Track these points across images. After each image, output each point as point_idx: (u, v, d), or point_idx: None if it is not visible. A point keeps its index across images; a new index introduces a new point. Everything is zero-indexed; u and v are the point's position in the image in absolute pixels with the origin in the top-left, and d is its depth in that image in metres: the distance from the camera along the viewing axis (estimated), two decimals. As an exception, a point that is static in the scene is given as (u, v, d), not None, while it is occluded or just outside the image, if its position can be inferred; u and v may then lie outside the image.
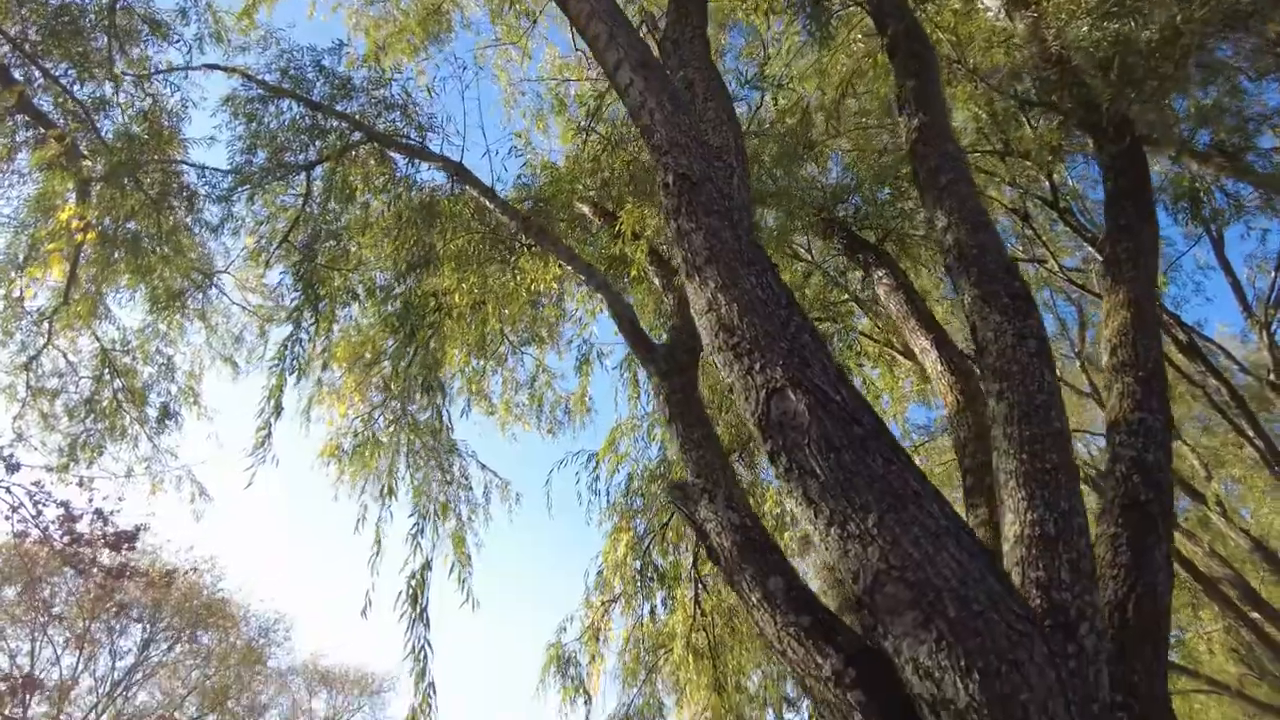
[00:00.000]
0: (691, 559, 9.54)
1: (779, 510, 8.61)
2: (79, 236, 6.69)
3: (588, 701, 9.41)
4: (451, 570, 4.77)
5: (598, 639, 9.34)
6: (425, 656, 4.03)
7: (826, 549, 2.14)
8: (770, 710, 12.45)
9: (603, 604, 9.68)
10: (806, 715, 14.15)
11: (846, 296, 9.36)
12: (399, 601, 4.29)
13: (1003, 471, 2.70)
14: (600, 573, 9.72)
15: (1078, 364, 13.66)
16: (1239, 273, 11.83)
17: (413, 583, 4.45)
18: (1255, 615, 11.48)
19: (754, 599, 3.08)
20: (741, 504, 3.42)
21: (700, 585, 9.70)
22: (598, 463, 8.94)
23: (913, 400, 14.83)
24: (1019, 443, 2.68)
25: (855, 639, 2.93)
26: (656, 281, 5.27)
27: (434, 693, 3.94)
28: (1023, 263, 10.74)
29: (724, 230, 2.70)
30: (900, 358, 11.37)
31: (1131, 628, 2.98)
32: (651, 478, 8.80)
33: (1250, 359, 13.56)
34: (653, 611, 9.48)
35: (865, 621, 2.08)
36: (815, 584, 9.25)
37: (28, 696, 8.88)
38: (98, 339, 9.78)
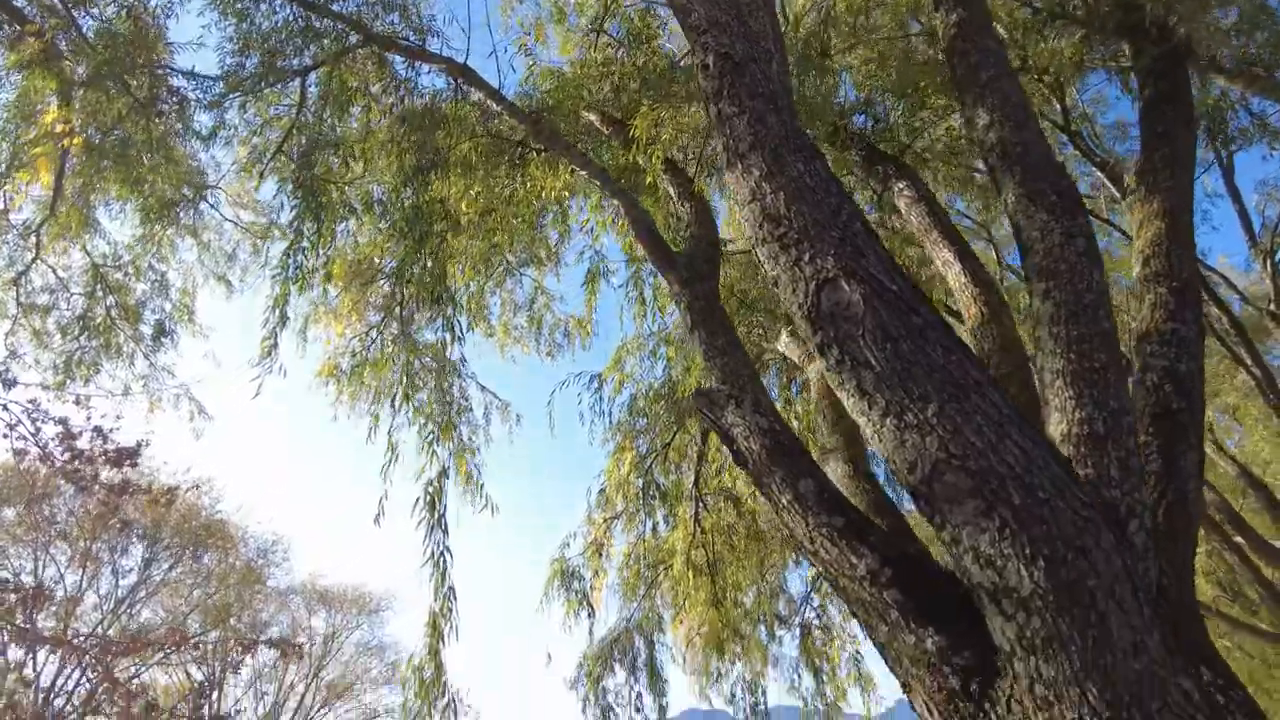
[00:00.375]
0: (693, 478, 9.62)
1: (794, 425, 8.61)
2: (65, 141, 6.39)
3: (591, 614, 9.63)
4: (468, 478, 4.72)
5: (600, 554, 9.50)
6: (445, 562, 4.02)
7: (880, 441, 2.08)
8: (763, 626, 12.82)
9: (605, 521, 9.80)
10: (799, 633, 14.59)
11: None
12: (416, 508, 4.27)
13: (1048, 371, 2.64)
14: (602, 491, 9.81)
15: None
16: (1247, 200, 11.67)
17: (429, 489, 4.42)
18: (1239, 540, 11.75)
19: (784, 501, 3.05)
20: (769, 409, 3.37)
21: (701, 504, 9.82)
22: (601, 382, 8.91)
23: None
24: (1066, 342, 2.61)
25: (888, 539, 2.92)
26: (672, 191, 5.10)
27: (454, 598, 3.96)
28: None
29: (769, 115, 2.56)
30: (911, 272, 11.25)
31: (1162, 533, 2.97)
32: (655, 398, 8.78)
33: (1250, 290, 13.54)
34: (655, 529, 9.61)
35: (922, 512, 2.03)
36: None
37: (36, 607, 9.01)
38: (88, 254, 9.53)
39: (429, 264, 5.61)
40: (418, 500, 4.30)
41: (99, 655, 8.71)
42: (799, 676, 13.47)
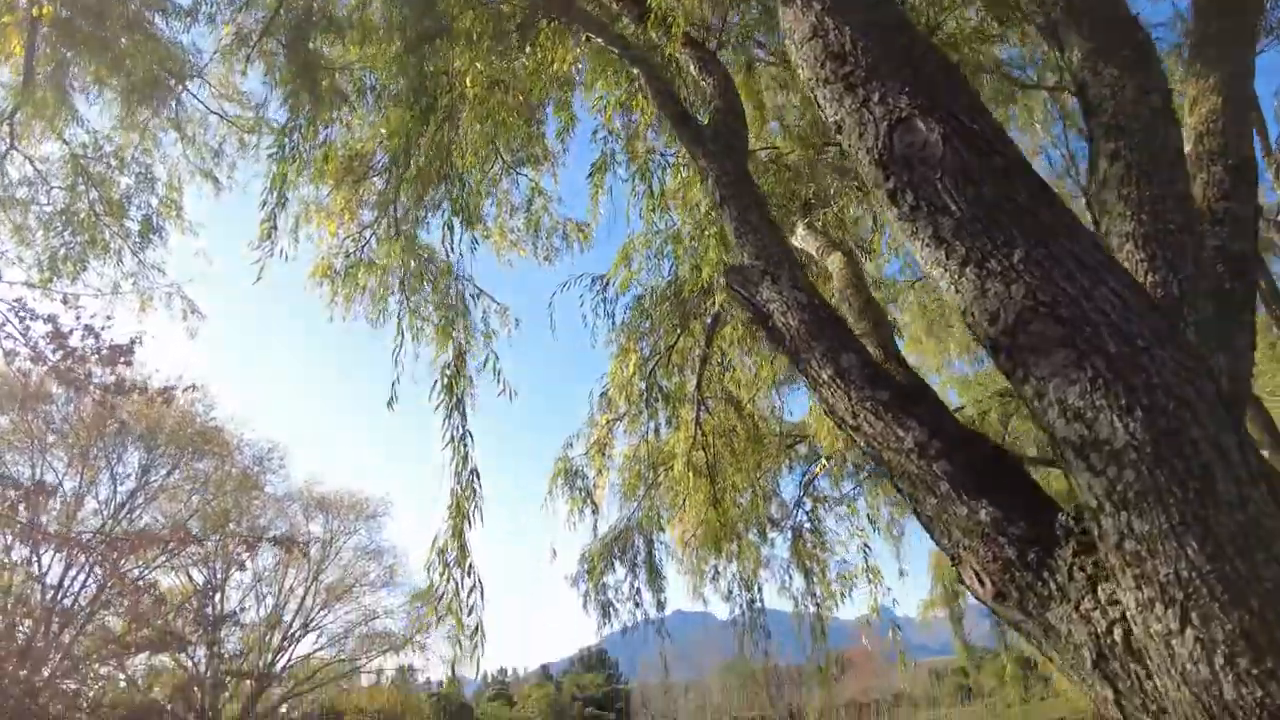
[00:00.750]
0: (695, 381, 9.58)
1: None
2: (34, 10, 5.94)
3: (595, 511, 9.75)
4: (486, 362, 4.59)
5: (603, 454, 9.53)
6: (467, 445, 3.92)
7: (958, 292, 1.93)
8: (755, 529, 13.06)
9: (607, 423, 9.80)
10: (790, 536, 14.91)
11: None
12: (434, 392, 4.15)
13: (1116, 235, 2.49)
14: (604, 394, 9.76)
15: (1083, 202, 13.33)
16: (1265, 107, 11.28)
17: (447, 372, 4.28)
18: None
19: (824, 376, 2.94)
20: (806, 285, 3.22)
21: (702, 407, 9.81)
22: (606, 282, 8.71)
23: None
24: (1137, 203, 2.44)
25: (935, 412, 2.82)
26: (693, 66, 4.79)
27: (478, 480, 3.87)
28: (1030, 89, 10.10)
29: (830, -57, 2.30)
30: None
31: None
32: (661, 299, 8.61)
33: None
34: (657, 431, 9.60)
35: (1002, 366, 1.90)
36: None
37: (39, 505, 9.01)
38: (66, 144, 9.10)
39: (434, 139, 5.30)
40: (435, 383, 4.18)
41: (105, 553, 8.76)
42: (790, 577, 13.84)
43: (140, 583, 9.73)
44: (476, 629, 3.34)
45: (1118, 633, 2.00)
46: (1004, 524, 2.36)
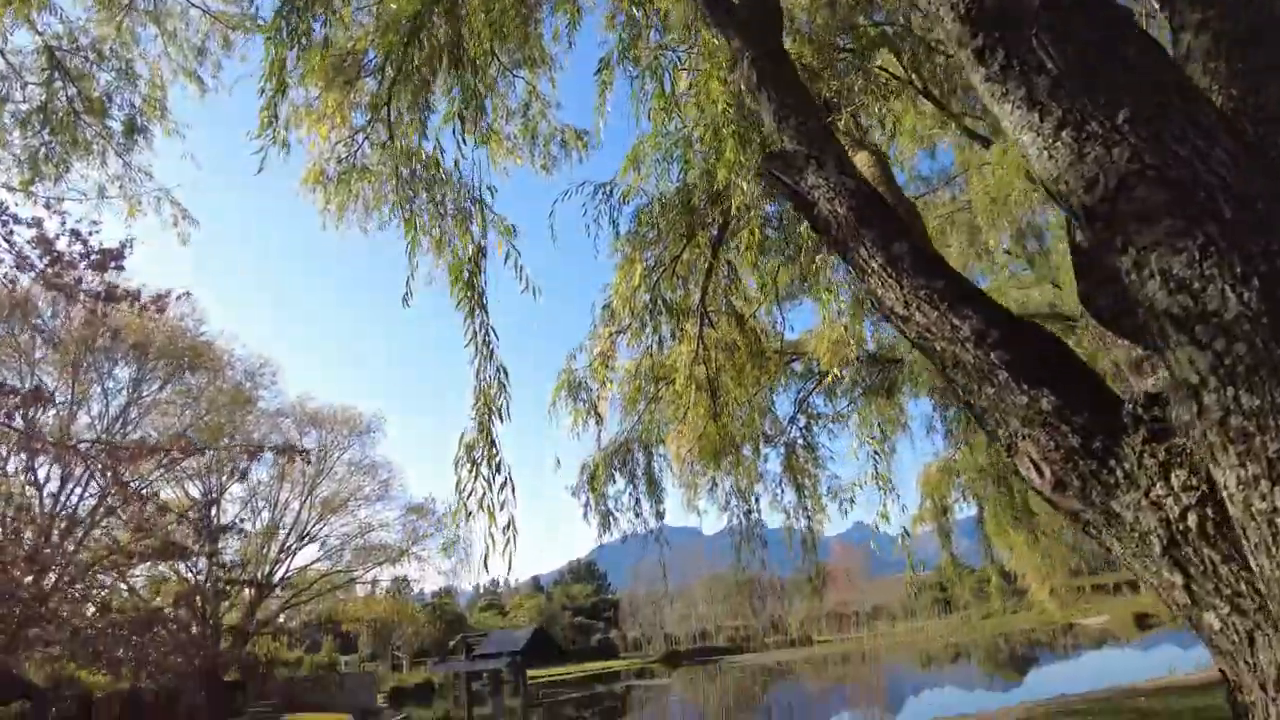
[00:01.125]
0: (699, 294, 9.44)
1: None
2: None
3: (599, 422, 9.75)
4: (507, 257, 4.41)
5: (606, 366, 9.46)
6: (490, 341, 3.79)
7: (1051, 158, 1.79)
8: (749, 445, 13.19)
9: (610, 335, 9.70)
10: (783, 451, 15.08)
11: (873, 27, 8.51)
12: (455, 288, 3.99)
13: (1200, 114, 2.33)
14: (608, 305, 9.63)
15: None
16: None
17: (468, 267, 4.12)
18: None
19: (874, 266, 2.82)
20: (853, 170, 3.06)
21: (706, 320, 9.70)
22: (610, 190, 8.46)
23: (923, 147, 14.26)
24: (1227, 77, 2.27)
25: (990, 302, 2.72)
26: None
27: (505, 375, 3.77)
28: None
29: None
30: (922, 98, 10.65)
31: None
32: (668, 206, 8.38)
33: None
34: (660, 344, 9.51)
35: (1094, 238, 1.78)
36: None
37: (36, 411, 8.90)
38: (39, 33, 8.59)
39: (435, 36, 4.99)
40: (456, 279, 4.01)
41: (107, 462, 8.72)
42: (782, 491, 14.09)
43: (144, 492, 9.72)
44: (509, 525, 3.30)
45: (1192, 519, 1.95)
46: (1066, 412, 2.28)
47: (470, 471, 3.38)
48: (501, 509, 3.29)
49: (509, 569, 3.35)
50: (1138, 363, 2.84)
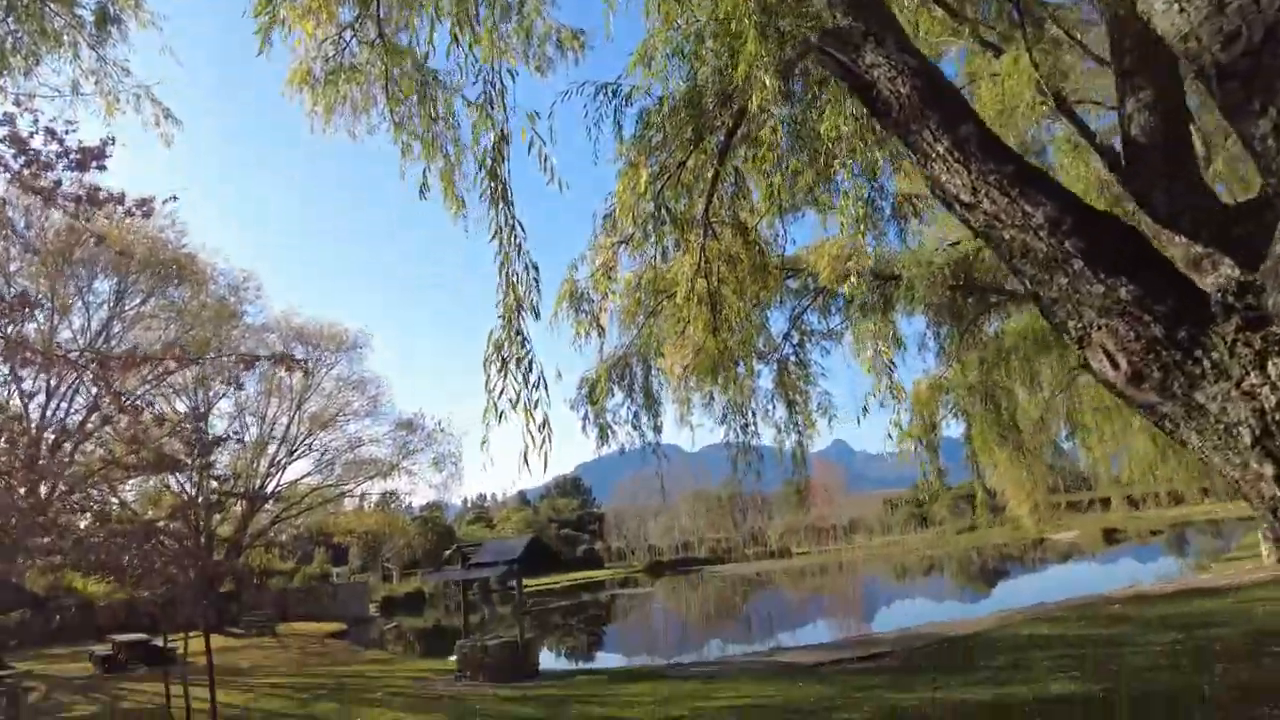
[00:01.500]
0: (704, 204, 9.20)
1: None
2: None
3: (601, 334, 9.65)
4: (530, 145, 4.16)
5: (609, 277, 9.29)
6: (518, 234, 3.59)
7: (1182, 11, 1.63)
8: (741, 363, 13.17)
9: (612, 245, 9.49)
10: (775, 367, 15.14)
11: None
12: (478, 178, 3.78)
13: None
14: (609, 215, 9.39)
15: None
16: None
17: (491, 156, 3.90)
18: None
19: (939, 150, 2.66)
20: (914, 49, 2.86)
21: (709, 231, 9.49)
22: (614, 90, 8.09)
23: (933, 55, 13.80)
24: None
25: (1060, 188, 2.58)
26: None
27: (535, 270, 3.58)
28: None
29: None
30: (934, 3, 10.20)
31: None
32: (675, 109, 8.05)
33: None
34: (664, 254, 9.33)
35: (1227, 99, 1.64)
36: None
37: (21, 317, 8.64)
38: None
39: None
40: (477, 170, 3.80)
41: (98, 371, 8.53)
42: (774, 407, 14.20)
43: (138, 403, 9.59)
44: (544, 424, 3.21)
45: (1289, 407, 1.88)
46: (1148, 301, 2.19)
47: (500, 370, 3.25)
48: (535, 407, 3.20)
49: (545, 468, 3.28)
50: (1196, 260, 2.73)
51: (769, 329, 15.29)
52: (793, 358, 15.73)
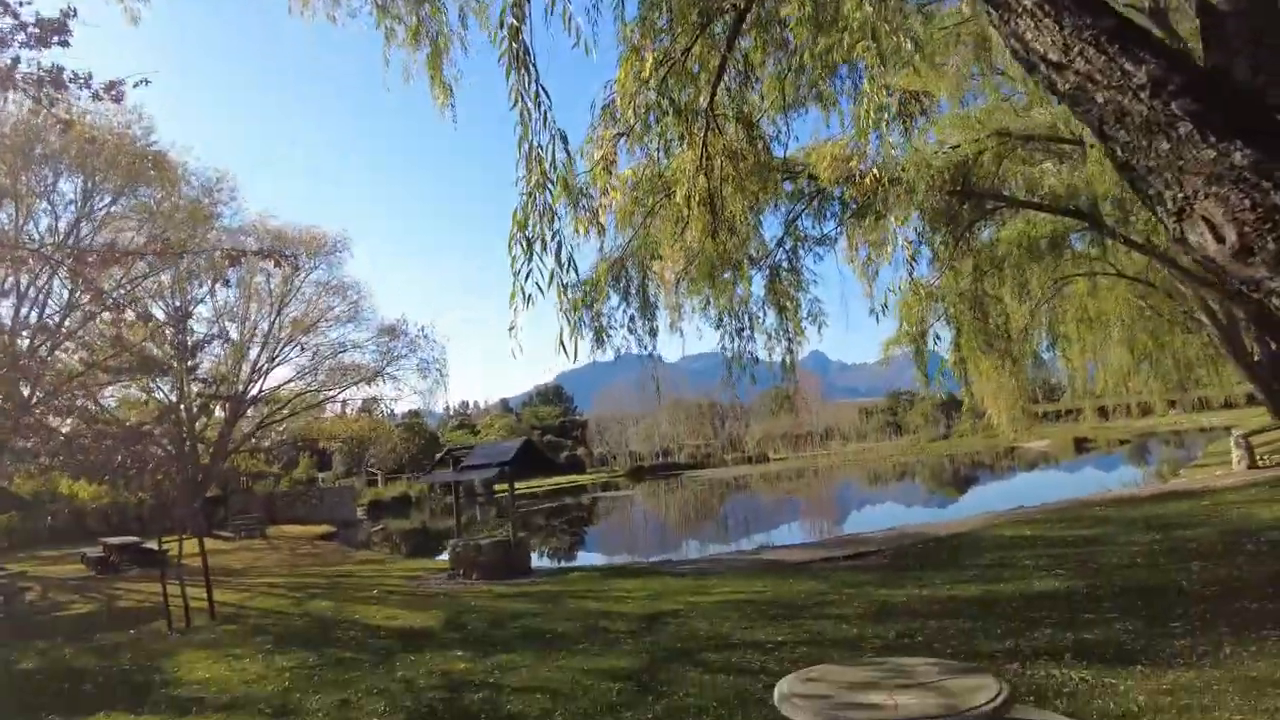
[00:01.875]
0: (709, 95, 8.78)
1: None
2: None
3: (600, 232, 9.34)
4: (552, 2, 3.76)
5: (609, 172, 8.92)
6: (542, 100, 3.24)
7: None
8: (733, 269, 12.94)
9: (612, 138, 9.09)
10: (767, 274, 14.93)
11: None
12: (498, 42, 3.40)
13: None
14: (608, 105, 8.97)
15: None
16: None
17: (511, 14, 3.50)
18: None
19: (1026, 4, 2.41)
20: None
21: (713, 125, 9.10)
22: (617, -34, 7.53)
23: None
24: None
25: (1163, 45, 2.36)
26: None
27: (564, 142, 3.27)
28: None
29: None
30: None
31: None
32: (678, -11, 7.53)
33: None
34: (666, 149, 8.94)
35: None
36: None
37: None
38: None
39: None
40: (495, 34, 3.42)
41: (74, 266, 8.11)
42: (764, 314, 14.08)
43: (121, 301, 9.21)
44: (577, 305, 3.02)
45: None
46: (1267, 167, 2.01)
47: (525, 250, 3.02)
48: (566, 290, 2.99)
49: (574, 357, 3.10)
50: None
51: (762, 235, 15.00)
52: (785, 264, 15.50)
